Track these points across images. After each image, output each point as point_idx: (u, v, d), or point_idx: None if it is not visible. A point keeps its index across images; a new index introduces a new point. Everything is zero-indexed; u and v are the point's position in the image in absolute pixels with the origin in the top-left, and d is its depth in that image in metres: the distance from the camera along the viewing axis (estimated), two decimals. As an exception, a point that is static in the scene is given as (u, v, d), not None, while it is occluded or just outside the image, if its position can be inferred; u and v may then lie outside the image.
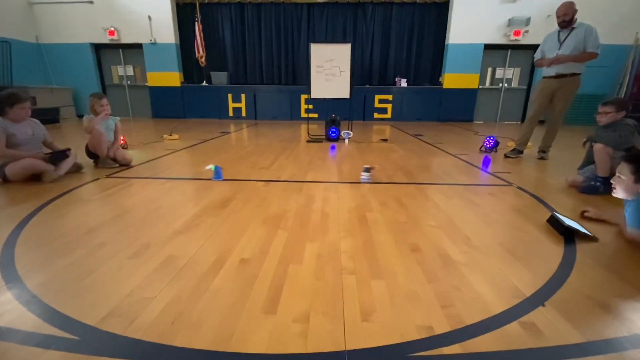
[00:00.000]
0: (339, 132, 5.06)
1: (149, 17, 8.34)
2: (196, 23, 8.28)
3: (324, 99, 5.22)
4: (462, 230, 1.80)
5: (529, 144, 4.13)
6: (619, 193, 1.82)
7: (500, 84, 8.75)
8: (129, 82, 9.06)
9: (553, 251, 1.58)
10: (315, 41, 5.07)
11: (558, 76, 3.62)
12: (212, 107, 8.86)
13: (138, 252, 1.52)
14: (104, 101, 3.20)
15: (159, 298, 1.17)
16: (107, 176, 2.86)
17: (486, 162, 3.66)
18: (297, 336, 1.00)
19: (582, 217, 2.00)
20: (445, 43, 8.54)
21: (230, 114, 8.89)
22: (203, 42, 8.47)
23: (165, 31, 8.49)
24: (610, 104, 2.69)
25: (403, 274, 1.36)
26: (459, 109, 8.72)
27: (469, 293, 1.22)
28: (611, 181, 1.87)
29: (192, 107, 8.93)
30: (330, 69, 5.09)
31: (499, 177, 2.98)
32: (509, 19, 8.05)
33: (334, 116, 5.04)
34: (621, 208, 1.84)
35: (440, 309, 1.13)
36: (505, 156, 3.93)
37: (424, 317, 1.09)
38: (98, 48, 8.79)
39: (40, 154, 2.72)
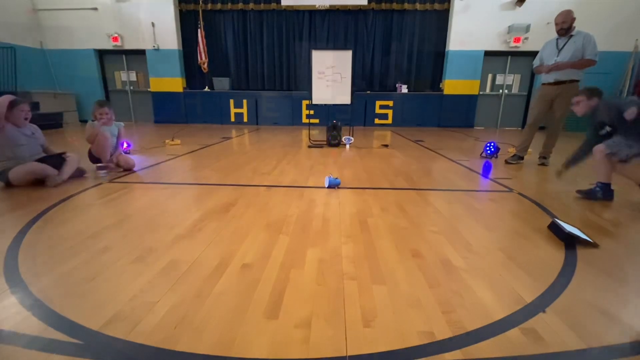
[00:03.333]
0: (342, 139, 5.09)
1: (153, 24, 8.44)
2: (199, 30, 8.40)
3: (325, 104, 5.27)
4: (464, 236, 1.81)
5: (530, 150, 4.15)
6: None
7: (501, 90, 8.80)
8: (131, 88, 9.14)
9: (554, 257, 1.58)
10: (316, 48, 5.12)
11: (557, 83, 3.66)
12: (214, 112, 8.92)
13: (141, 256, 1.53)
14: (104, 109, 3.19)
15: (162, 302, 1.18)
16: (110, 181, 2.88)
17: (487, 168, 3.67)
18: (299, 341, 1.00)
19: None
20: (446, 50, 8.60)
21: (232, 119, 8.94)
22: (205, 48, 8.57)
23: (169, 37, 8.58)
24: (581, 93, 2.68)
25: (404, 279, 1.36)
26: (460, 115, 8.75)
27: (470, 299, 1.23)
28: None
29: (194, 112, 8.99)
30: (332, 75, 5.13)
31: (499, 183, 2.98)
32: (509, 26, 8.12)
33: (335, 122, 5.07)
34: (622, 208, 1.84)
35: (442, 315, 1.13)
36: (506, 162, 3.95)
37: (425, 323, 1.09)
38: (102, 54, 8.89)
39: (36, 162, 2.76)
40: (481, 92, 8.73)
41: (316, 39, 8.89)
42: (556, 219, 1.91)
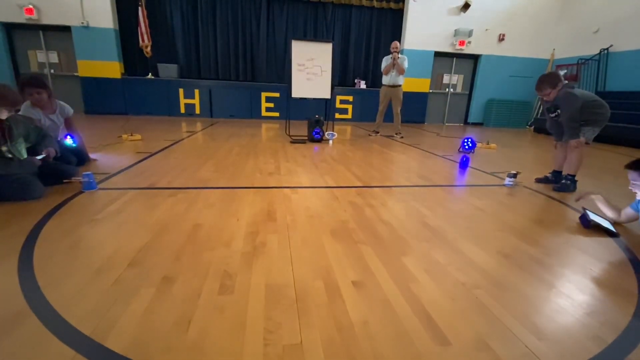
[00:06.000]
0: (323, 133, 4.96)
1: (80, -4, 7.13)
2: (140, 8, 7.36)
3: (303, 98, 5.06)
4: (532, 234, 1.87)
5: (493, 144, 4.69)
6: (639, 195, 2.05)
7: (447, 89, 9.53)
8: (52, 71, 7.63)
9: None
10: (296, 38, 4.87)
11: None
12: (160, 102, 7.97)
13: (225, 285, 1.24)
14: (34, 89, 2.68)
15: (311, 346, 0.96)
16: (99, 188, 2.32)
17: (465, 162, 3.85)
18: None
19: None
20: (401, 48, 8.96)
21: (182, 110, 8.10)
22: (148, 29, 7.57)
23: (101, 14, 7.34)
24: (546, 86, 2.73)
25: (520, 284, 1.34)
26: (413, 111, 9.22)
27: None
28: (629, 188, 2.10)
29: (135, 102, 7.91)
30: (312, 68, 4.94)
31: (499, 177, 3.18)
32: (455, 30, 8.79)
33: (318, 116, 4.91)
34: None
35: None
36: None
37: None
38: (10, 28, 7.23)
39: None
40: (431, 90, 9.34)
41: (274, 29, 8.50)
42: (586, 210, 2.09)
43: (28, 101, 2.67)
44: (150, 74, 7.93)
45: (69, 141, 3.04)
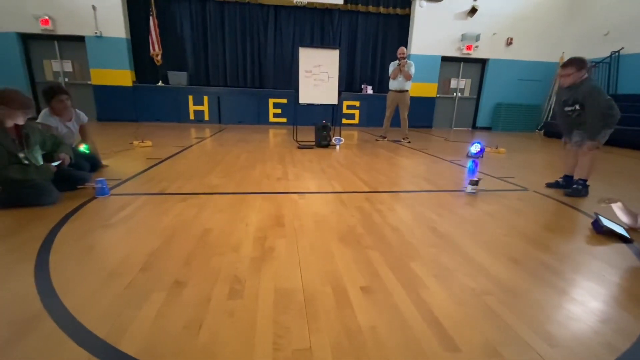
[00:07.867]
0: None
1: (93, 7, 7.33)
2: (151, 17, 7.54)
3: (310, 104, 5.10)
4: (543, 240, 1.85)
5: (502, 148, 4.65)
6: None
7: (455, 94, 9.49)
8: (66, 79, 7.83)
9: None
10: (303, 45, 4.93)
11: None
12: (170, 109, 8.10)
13: (234, 290, 1.26)
14: (62, 97, 2.82)
15: (317, 349, 0.97)
16: (111, 194, 2.38)
17: (475, 166, 3.86)
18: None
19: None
20: (408, 53, 8.97)
21: (192, 117, 8.22)
22: (159, 38, 7.74)
23: (114, 24, 7.53)
24: (570, 66, 2.55)
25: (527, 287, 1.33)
26: (420, 116, 9.20)
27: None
28: None
29: (146, 109, 8.05)
30: (319, 75, 4.99)
31: (511, 183, 3.15)
32: (462, 35, 8.78)
33: (325, 122, 4.94)
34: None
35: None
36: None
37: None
38: (26, 38, 7.46)
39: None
40: (438, 95, 9.32)
41: (282, 36, 8.60)
42: (598, 215, 2.06)
43: (46, 109, 2.75)
44: (160, 81, 8.08)
45: (82, 148, 3.12)
